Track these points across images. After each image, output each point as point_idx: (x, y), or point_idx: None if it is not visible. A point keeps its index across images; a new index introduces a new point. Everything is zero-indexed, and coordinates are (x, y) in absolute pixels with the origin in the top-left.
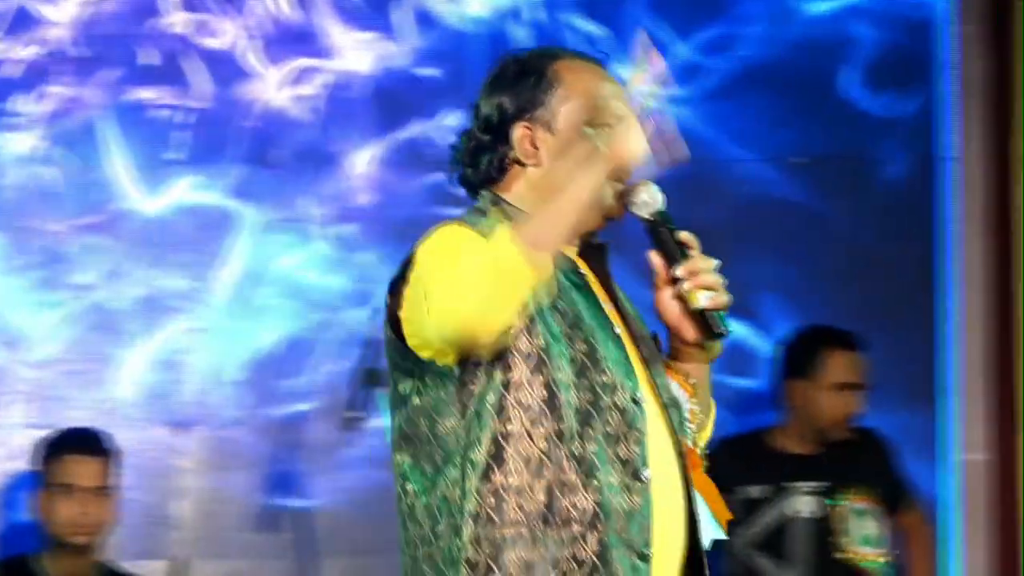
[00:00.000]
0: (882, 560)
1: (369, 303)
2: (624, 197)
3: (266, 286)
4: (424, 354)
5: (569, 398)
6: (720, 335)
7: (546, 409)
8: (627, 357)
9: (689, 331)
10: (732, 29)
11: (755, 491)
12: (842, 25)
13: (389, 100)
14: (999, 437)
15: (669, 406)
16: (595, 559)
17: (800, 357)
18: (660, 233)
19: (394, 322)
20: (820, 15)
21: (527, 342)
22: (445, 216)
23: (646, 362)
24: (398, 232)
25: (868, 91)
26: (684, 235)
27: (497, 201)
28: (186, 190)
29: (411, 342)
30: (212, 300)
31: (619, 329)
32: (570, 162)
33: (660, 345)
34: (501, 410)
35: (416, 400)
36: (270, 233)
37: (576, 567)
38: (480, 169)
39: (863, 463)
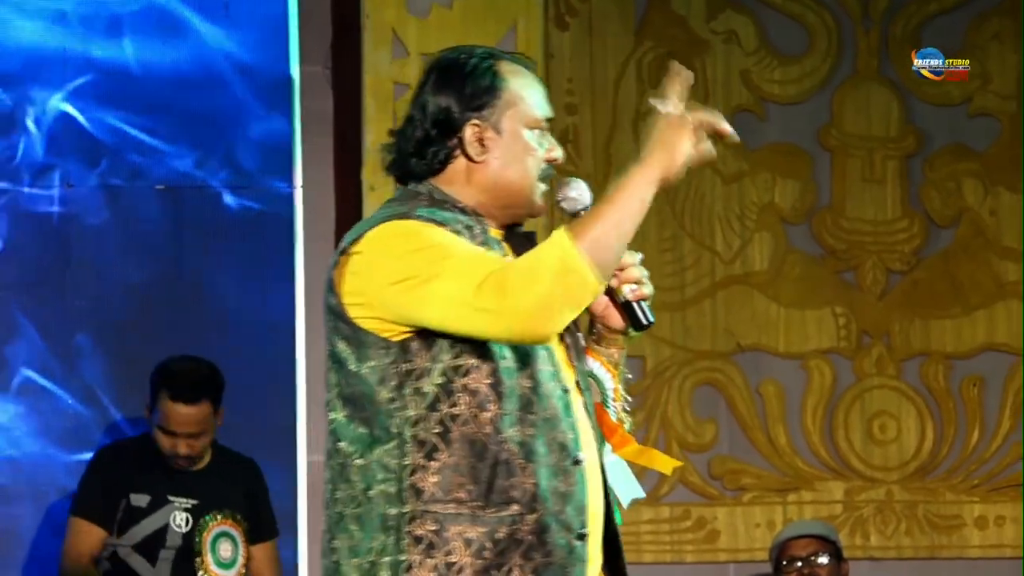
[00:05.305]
0: None
1: None
2: (555, 193)
3: None
4: (368, 325)
5: (513, 385)
6: (646, 325)
7: (492, 395)
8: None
9: (615, 320)
10: None
11: (141, 499)
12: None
13: None
14: None
15: (585, 390)
16: (533, 539)
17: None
18: None
19: (336, 290)
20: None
21: None
22: None
23: (568, 348)
24: None
25: None
26: None
27: (434, 191)
28: None
29: (386, 328)
30: None
31: None
32: (647, 171)
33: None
34: (449, 393)
35: (353, 365)
36: None
37: (515, 546)
38: (425, 160)
39: (237, 489)
